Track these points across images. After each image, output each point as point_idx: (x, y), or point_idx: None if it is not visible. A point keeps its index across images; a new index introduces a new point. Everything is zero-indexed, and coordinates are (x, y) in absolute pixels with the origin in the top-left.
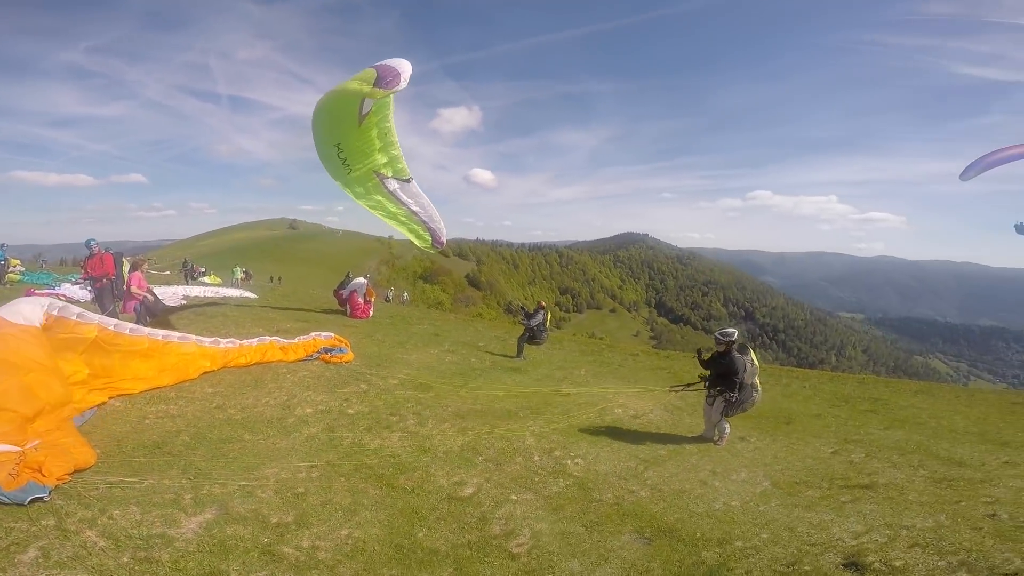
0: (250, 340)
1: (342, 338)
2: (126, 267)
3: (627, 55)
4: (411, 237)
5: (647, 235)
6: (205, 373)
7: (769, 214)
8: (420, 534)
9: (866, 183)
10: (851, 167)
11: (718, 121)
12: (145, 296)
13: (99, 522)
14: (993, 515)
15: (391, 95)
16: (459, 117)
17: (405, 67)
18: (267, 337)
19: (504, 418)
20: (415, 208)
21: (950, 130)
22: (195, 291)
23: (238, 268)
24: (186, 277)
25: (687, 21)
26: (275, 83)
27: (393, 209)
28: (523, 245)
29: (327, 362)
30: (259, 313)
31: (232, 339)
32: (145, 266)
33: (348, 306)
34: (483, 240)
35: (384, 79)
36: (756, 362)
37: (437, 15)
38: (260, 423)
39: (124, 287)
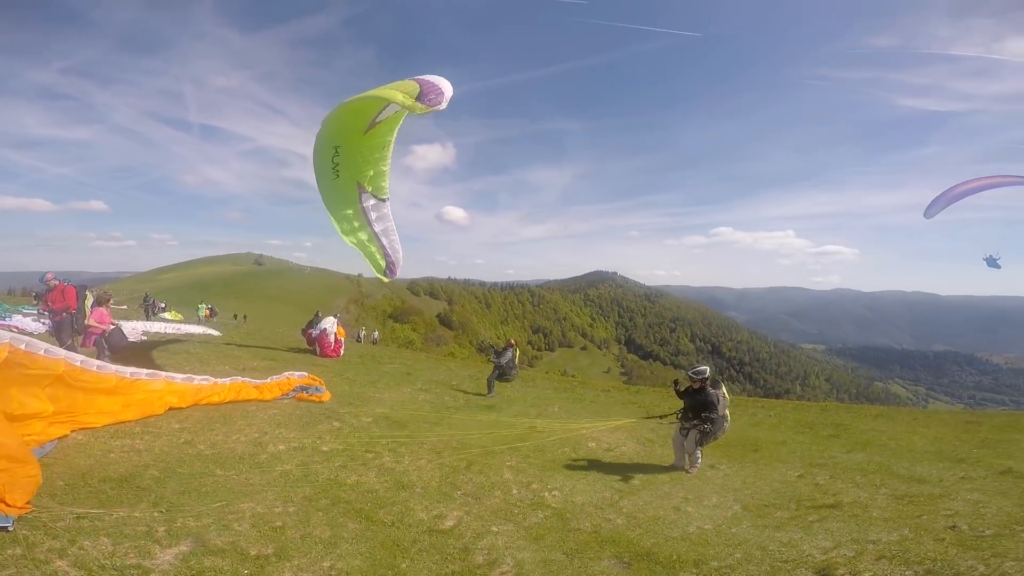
0: (223, 379)
1: (316, 377)
2: (89, 300)
3: (596, 94)
4: (367, 261)
5: (616, 273)
6: (172, 409)
7: (731, 250)
8: (403, 565)
9: (821, 216)
10: (806, 201)
11: (681, 159)
12: (105, 330)
13: (69, 552)
14: (954, 527)
15: (429, 112)
16: (433, 154)
17: (447, 87)
18: (239, 377)
19: (480, 454)
20: (378, 229)
21: (894, 162)
22: (155, 327)
23: (203, 304)
24: (146, 312)
25: (649, 60)
26: (248, 113)
27: (357, 224)
28: (496, 284)
29: (303, 400)
30: (224, 351)
31: (207, 376)
32: (111, 301)
33: (318, 345)
34: (455, 279)
35: (427, 95)
36: (727, 395)
37: (413, 51)
38: (231, 459)
39: (84, 321)
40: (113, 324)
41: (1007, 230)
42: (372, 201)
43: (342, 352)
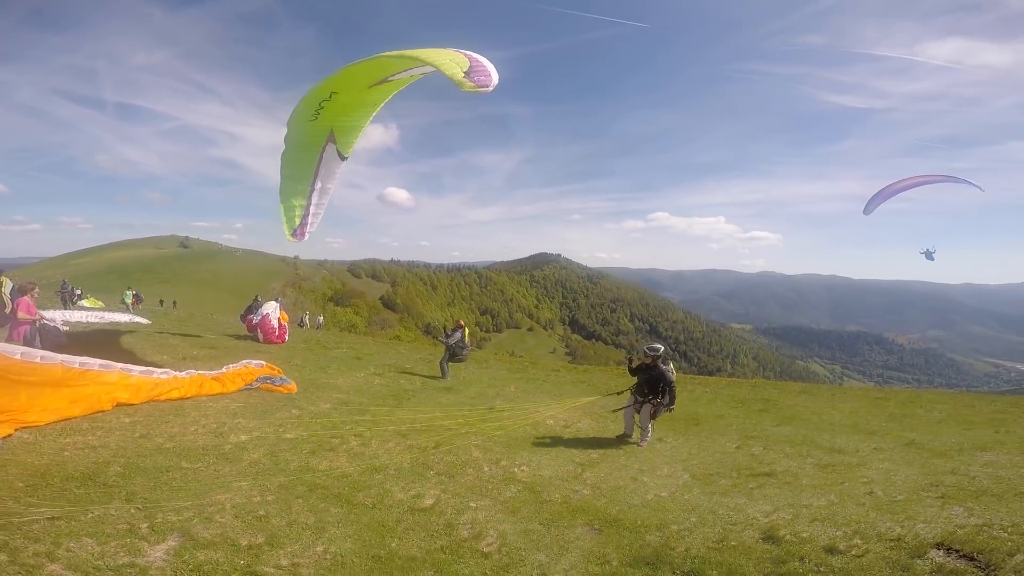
0: (182, 372)
1: (275, 367)
2: (6, 287)
3: (545, 79)
4: (283, 215)
5: (560, 255)
6: (120, 405)
7: (667, 234)
8: (393, 544)
9: (749, 204)
10: (736, 189)
11: (623, 146)
12: (36, 321)
13: (58, 555)
14: (871, 492)
15: (476, 92)
16: (375, 134)
17: (495, 72)
18: (194, 370)
19: (446, 435)
20: (317, 187)
21: (816, 154)
22: (76, 316)
23: (129, 291)
24: (64, 301)
25: (598, 48)
26: (172, 91)
27: (302, 172)
28: (441, 266)
29: (270, 391)
30: (158, 340)
31: (167, 370)
32: (35, 291)
33: (260, 332)
34: (398, 261)
35: (476, 73)
36: (674, 371)
37: (356, 30)
38: (195, 451)
39: (8, 312)
40: (48, 320)
41: (940, 223)
42: (332, 155)
43: (287, 338)
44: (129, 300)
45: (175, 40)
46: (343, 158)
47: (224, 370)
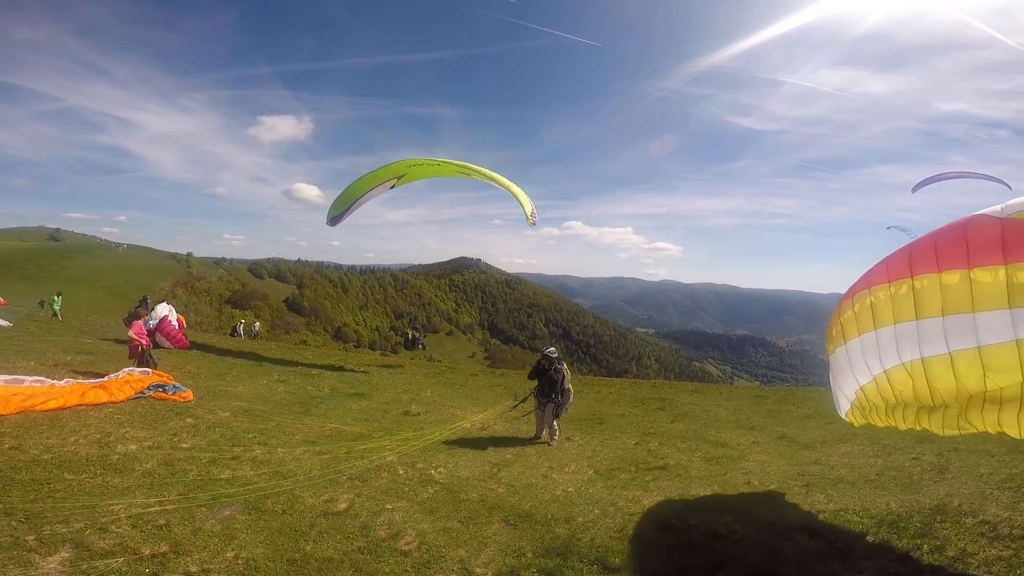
0: (61, 381)
1: (163, 373)
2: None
3: (477, 84)
4: (335, 203)
5: (480, 260)
6: None
7: (580, 242)
8: (308, 547)
9: (654, 216)
10: (644, 202)
11: (546, 155)
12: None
13: None
14: (748, 483)
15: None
16: (285, 126)
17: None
18: (71, 379)
19: (359, 440)
20: (367, 196)
21: (714, 172)
22: None
23: (59, 296)
24: None
25: (531, 57)
26: (57, 70)
27: (367, 185)
28: (353, 268)
29: (163, 400)
30: (23, 345)
31: (40, 378)
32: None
33: (163, 337)
34: (306, 261)
35: (535, 216)
36: (567, 371)
37: (281, 18)
38: (78, 463)
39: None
40: None
41: (813, 239)
42: (388, 184)
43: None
44: (58, 306)
45: (69, 15)
46: (391, 187)
47: (108, 378)
